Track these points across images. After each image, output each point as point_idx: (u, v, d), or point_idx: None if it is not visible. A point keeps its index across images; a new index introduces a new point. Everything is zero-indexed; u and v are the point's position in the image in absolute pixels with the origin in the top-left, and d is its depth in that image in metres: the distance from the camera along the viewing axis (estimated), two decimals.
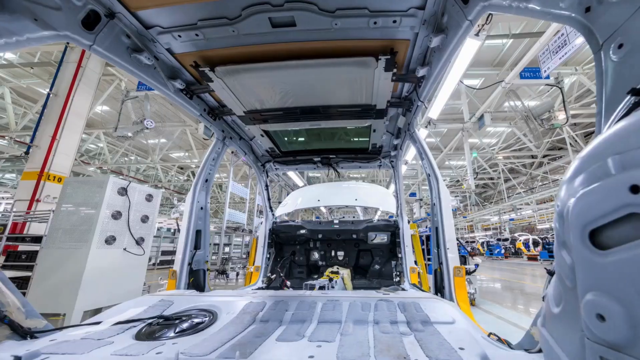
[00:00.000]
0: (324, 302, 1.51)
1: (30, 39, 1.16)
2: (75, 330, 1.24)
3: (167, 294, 1.79)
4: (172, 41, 1.66)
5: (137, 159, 19.78)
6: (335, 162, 3.61)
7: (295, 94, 2.17)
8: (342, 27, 1.57)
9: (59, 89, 9.59)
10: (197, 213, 2.51)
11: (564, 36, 4.41)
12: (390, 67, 1.84)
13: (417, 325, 1.21)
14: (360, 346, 1.00)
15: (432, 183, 2.41)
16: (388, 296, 1.65)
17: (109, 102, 13.60)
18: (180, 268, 2.29)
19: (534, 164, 19.23)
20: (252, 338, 1.11)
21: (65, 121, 9.47)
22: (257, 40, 1.68)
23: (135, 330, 1.23)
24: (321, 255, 4.29)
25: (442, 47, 1.60)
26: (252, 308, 1.45)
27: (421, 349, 0.98)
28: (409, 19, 1.52)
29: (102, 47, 1.45)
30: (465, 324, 1.23)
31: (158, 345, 1.06)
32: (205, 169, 2.62)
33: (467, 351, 0.97)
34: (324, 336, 1.11)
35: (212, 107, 2.45)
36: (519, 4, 1.03)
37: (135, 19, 1.49)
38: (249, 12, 1.47)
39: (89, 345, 1.05)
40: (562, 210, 0.61)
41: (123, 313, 1.43)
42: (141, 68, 1.72)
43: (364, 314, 1.36)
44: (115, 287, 4.50)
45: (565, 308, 0.66)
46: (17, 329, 1.17)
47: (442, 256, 2.21)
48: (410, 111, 2.40)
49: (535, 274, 13.30)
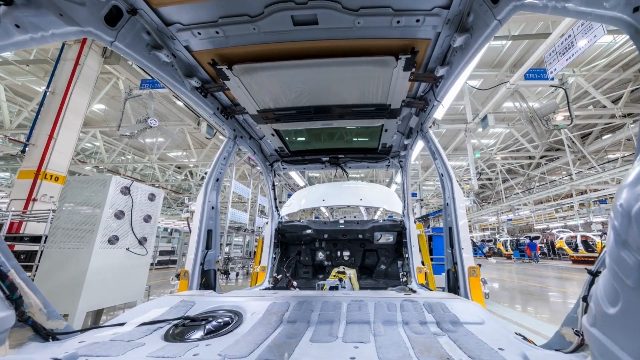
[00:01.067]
0: (348, 302, 1.50)
1: (55, 34, 1.14)
2: (99, 332, 1.21)
3: (187, 295, 1.76)
4: (190, 38, 1.64)
5: (134, 158, 19.58)
6: (343, 162, 3.59)
7: (310, 92, 2.16)
8: (364, 26, 1.55)
9: (56, 87, 9.45)
10: (208, 212, 2.48)
11: (570, 37, 4.45)
12: (409, 67, 1.83)
13: (447, 326, 1.20)
14: (398, 347, 0.99)
15: (446, 183, 2.40)
16: (412, 296, 1.64)
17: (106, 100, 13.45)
18: (193, 268, 2.26)
19: (531, 165, 19.43)
20: (285, 339, 1.09)
21: (63, 119, 9.34)
22: (277, 38, 1.66)
23: (162, 331, 1.21)
24: (327, 255, 4.28)
25: (466, 47, 1.59)
26: (277, 309, 1.43)
27: (460, 349, 0.98)
28: (433, 18, 1.51)
29: (123, 43, 1.42)
30: (495, 324, 1.23)
31: (191, 346, 1.04)
32: (216, 168, 2.59)
33: (507, 351, 0.96)
34: (358, 337, 1.10)
35: (224, 105, 2.42)
36: (556, 3, 1.02)
37: (156, 15, 1.47)
38: (272, 10, 1.45)
39: (121, 347, 1.03)
40: (628, 211, 0.60)
41: (145, 314, 1.40)
42: (159, 65, 1.69)
43: (391, 314, 1.35)
44: (118, 287, 4.44)
45: (625, 308, 0.65)
46: (40, 331, 1.14)
47: (456, 256, 2.20)
48: (425, 111, 2.39)
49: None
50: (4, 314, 0.97)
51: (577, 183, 14.58)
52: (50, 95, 9.23)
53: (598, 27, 3.85)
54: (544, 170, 18.84)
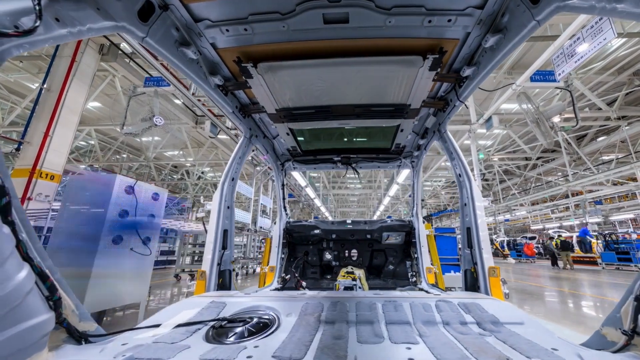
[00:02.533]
0: (382, 302, 1.48)
1: (92, 29, 1.11)
2: (135, 334, 1.18)
3: (216, 295, 1.73)
4: (217, 35, 1.61)
5: (130, 157, 19.30)
6: (354, 162, 3.58)
7: (330, 91, 2.14)
8: (394, 25, 1.54)
9: (52, 84, 9.27)
10: (224, 212, 2.44)
11: (579, 40, 4.50)
12: (435, 67, 1.82)
13: (489, 326, 1.20)
14: (451, 348, 0.98)
15: (464, 183, 2.40)
16: (444, 296, 1.63)
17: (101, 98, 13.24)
18: (210, 269, 2.22)
19: (528, 166, 19.71)
20: (331, 340, 1.07)
21: (59, 117, 9.16)
22: (305, 36, 1.64)
23: (201, 332, 1.18)
24: (335, 256, 4.26)
25: (497, 48, 1.59)
26: (311, 309, 1.41)
27: (514, 350, 0.97)
28: (465, 18, 1.51)
29: (154, 39, 1.40)
30: (536, 324, 1.22)
31: (240, 348, 1.01)
32: (232, 167, 2.56)
33: (562, 352, 0.95)
34: (404, 338, 1.09)
35: (243, 104, 2.39)
36: (606, 4, 1.01)
37: (187, 11, 1.45)
38: (304, 8, 1.43)
39: (168, 349, 1.00)
40: None
41: (177, 315, 1.37)
42: (185, 62, 1.66)
43: (429, 314, 1.34)
44: (122, 288, 4.36)
45: None
46: (74, 333, 1.10)
47: (476, 256, 2.21)
48: (444, 111, 2.39)
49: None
50: (45, 317, 0.93)
51: (574, 184, 14.83)
52: (46, 92, 9.04)
53: (608, 30, 3.90)
54: (540, 171, 19.13)
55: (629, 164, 12.56)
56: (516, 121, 13.24)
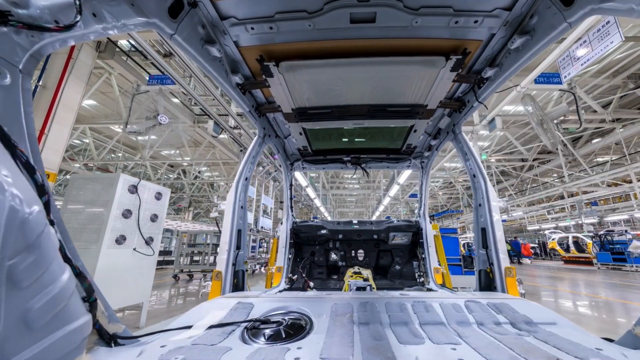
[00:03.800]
0: (411, 303, 1.48)
1: (126, 25, 1.10)
2: (168, 336, 1.15)
3: (241, 296, 1.71)
4: (241, 33, 1.59)
5: (125, 155, 19.02)
6: (364, 162, 3.58)
7: (348, 91, 2.13)
8: (419, 25, 1.54)
9: (47, 81, 9.08)
10: (238, 212, 2.42)
11: (586, 43, 4.55)
12: (457, 67, 1.82)
13: (524, 326, 1.20)
14: (497, 348, 0.97)
15: (479, 184, 2.41)
16: (471, 296, 1.63)
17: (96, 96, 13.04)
18: (225, 269, 2.20)
19: (524, 167, 19.94)
20: (372, 341, 1.06)
21: (55, 115, 8.99)
22: (329, 35, 1.62)
23: (236, 334, 1.16)
24: (341, 256, 4.26)
25: (522, 49, 1.59)
26: (342, 310, 1.40)
27: (559, 350, 0.97)
28: (491, 19, 1.51)
29: (182, 36, 1.39)
30: (569, 325, 1.23)
31: (284, 350, 0.99)
32: (246, 167, 2.53)
33: (607, 351, 0.95)
34: (445, 338, 1.08)
35: (259, 103, 2.37)
36: None
37: (214, 8, 1.43)
38: (332, 7, 1.42)
39: (211, 351, 0.98)
40: None
41: (207, 317, 1.34)
42: (209, 60, 1.65)
43: (461, 315, 1.33)
44: (124, 288, 4.30)
45: None
46: (104, 335, 1.07)
47: (492, 257, 2.22)
48: (460, 112, 2.40)
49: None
50: (85, 319, 0.90)
51: (569, 185, 15.04)
52: (42, 89, 8.86)
53: (615, 34, 3.96)
54: (536, 173, 19.36)
55: (623, 166, 12.80)
56: (513, 122, 13.38)
